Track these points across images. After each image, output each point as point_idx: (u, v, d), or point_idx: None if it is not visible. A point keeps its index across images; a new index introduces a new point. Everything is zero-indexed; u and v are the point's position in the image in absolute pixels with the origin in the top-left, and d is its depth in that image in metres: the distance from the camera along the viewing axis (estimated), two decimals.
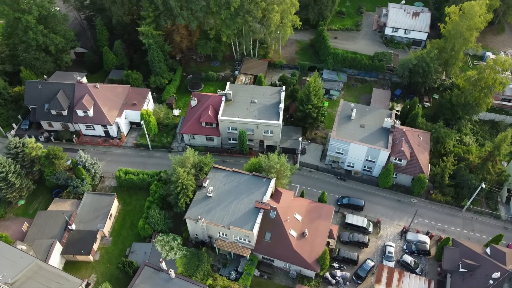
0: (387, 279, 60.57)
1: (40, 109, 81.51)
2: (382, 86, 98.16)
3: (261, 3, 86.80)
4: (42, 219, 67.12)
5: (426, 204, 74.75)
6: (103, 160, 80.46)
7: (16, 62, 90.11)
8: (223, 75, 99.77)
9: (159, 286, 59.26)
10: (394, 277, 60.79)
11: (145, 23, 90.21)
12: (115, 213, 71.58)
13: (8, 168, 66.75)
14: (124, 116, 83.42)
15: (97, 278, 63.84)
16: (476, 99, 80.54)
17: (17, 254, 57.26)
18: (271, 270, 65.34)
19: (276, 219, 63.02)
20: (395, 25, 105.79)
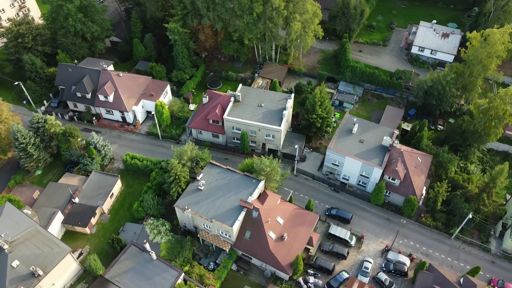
0: None
1: (67, 90, 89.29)
2: (398, 104, 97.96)
3: (283, 11, 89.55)
4: (51, 190, 74.27)
5: (415, 226, 74.84)
6: (116, 143, 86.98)
7: (55, 45, 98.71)
8: (243, 76, 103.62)
9: (140, 265, 64.37)
10: None
11: (173, 20, 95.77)
12: (117, 193, 77.54)
13: (28, 140, 74.38)
14: (141, 105, 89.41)
15: (90, 249, 69.98)
16: (485, 128, 79.10)
17: (21, 218, 64.16)
18: (248, 267, 68.59)
19: (258, 219, 66.13)
20: (422, 44, 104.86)
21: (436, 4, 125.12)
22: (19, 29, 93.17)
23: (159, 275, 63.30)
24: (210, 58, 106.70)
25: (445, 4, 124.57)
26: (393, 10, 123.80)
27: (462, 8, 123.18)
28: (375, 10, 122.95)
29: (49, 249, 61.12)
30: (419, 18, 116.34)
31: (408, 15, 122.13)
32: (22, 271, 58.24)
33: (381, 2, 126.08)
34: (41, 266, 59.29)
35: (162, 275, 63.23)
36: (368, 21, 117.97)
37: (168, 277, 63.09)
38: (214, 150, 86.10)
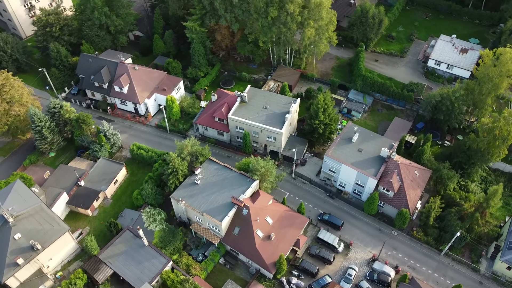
0: None
1: (87, 79, 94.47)
2: (407, 116, 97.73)
3: (297, 17, 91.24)
4: (61, 172, 79.30)
5: (405, 239, 75.18)
6: (127, 133, 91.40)
7: (80, 35, 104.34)
8: (256, 77, 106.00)
9: (133, 249, 68.18)
10: None
11: (192, 19, 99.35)
12: (121, 180, 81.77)
13: (44, 123, 79.65)
14: (153, 98, 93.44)
15: (89, 230, 74.42)
16: (488, 147, 78.29)
17: (29, 195, 69.24)
18: (235, 262, 71.14)
19: (247, 217, 68.55)
20: (439, 58, 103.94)
21: (461, 18, 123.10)
22: (48, 19, 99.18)
23: (149, 260, 66.83)
24: (227, 57, 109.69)
25: (470, 19, 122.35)
26: (415, 21, 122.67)
27: (488, 24, 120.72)
28: (397, 21, 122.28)
29: (50, 226, 65.73)
30: (442, 31, 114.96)
31: (431, 27, 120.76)
32: (23, 244, 63.04)
33: (404, 13, 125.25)
34: (40, 241, 63.94)
35: (151, 261, 66.74)
36: (388, 31, 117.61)
37: (156, 264, 66.52)
38: (218, 147, 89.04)
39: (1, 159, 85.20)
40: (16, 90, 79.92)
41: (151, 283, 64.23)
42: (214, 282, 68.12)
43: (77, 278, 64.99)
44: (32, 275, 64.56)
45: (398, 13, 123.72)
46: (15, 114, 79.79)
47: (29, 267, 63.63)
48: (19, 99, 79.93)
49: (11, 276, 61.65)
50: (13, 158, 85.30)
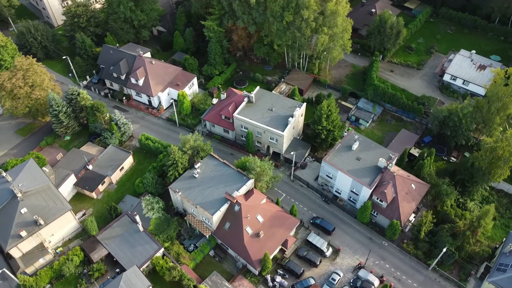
0: None
1: (106, 69, 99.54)
2: (416, 129, 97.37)
3: (311, 23, 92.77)
4: (72, 155, 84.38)
5: (395, 250, 75.67)
6: (139, 123, 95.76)
7: (106, 27, 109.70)
8: (269, 79, 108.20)
9: (128, 233, 72.12)
10: None
11: (211, 19, 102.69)
12: (128, 168, 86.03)
13: (61, 108, 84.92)
14: (167, 93, 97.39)
15: (92, 212, 78.97)
16: (490, 166, 77.56)
17: (39, 174, 74.37)
18: (224, 255, 73.88)
19: (238, 213, 71.10)
20: (455, 73, 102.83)
21: (486, 34, 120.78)
22: (77, 10, 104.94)
23: (142, 245, 70.56)
24: (243, 58, 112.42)
25: (495, 35, 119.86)
26: (438, 34, 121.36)
27: None
28: (419, 32, 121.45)
29: (54, 204, 70.54)
30: (464, 46, 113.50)
31: (453, 41, 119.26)
32: (28, 218, 68.05)
33: (427, 24, 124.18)
34: (43, 217, 68.78)
35: (144, 246, 70.44)
36: (408, 42, 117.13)
37: (148, 249, 70.15)
38: (223, 144, 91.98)
39: (21, 139, 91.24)
40: (38, 75, 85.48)
41: (141, 267, 67.80)
42: (202, 273, 71.07)
43: (75, 255, 69.56)
44: (33, 248, 69.52)
45: (421, 24, 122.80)
46: (35, 97, 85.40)
47: (32, 240, 68.57)
48: (40, 84, 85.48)
49: (14, 246, 66.75)
50: (32, 138, 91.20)
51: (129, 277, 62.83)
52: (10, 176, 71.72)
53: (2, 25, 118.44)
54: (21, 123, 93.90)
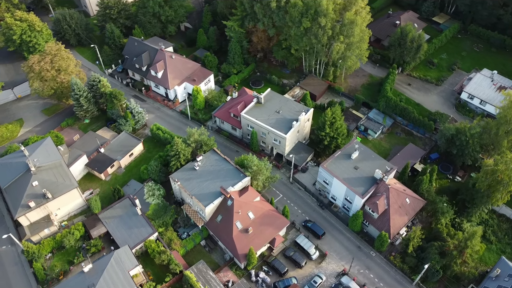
0: None
1: (130, 60, 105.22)
2: (425, 145, 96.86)
3: (328, 30, 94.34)
4: (88, 137, 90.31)
5: (382, 262, 76.44)
6: (154, 113, 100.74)
7: (135, 20, 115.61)
8: (285, 82, 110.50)
9: (127, 215, 76.93)
10: None
11: (233, 19, 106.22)
12: (137, 154, 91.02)
13: (82, 93, 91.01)
14: (183, 87, 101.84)
15: (99, 192, 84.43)
16: (489, 189, 76.78)
17: (54, 152, 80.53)
18: (214, 246, 77.30)
19: (230, 208, 74.26)
20: (473, 92, 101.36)
21: None
22: (109, 2, 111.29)
23: (138, 228, 75.13)
24: (263, 59, 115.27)
25: None
26: (463, 51, 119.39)
27: None
28: (443, 47, 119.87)
29: (62, 180, 76.33)
30: (489, 65, 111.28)
31: (478, 60, 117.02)
32: (37, 191, 74.06)
33: (453, 40, 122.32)
34: (51, 191, 74.62)
35: (139, 229, 74.98)
36: (431, 57, 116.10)
37: (143, 232, 74.63)
38: (230, 141, 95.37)
39: (46, 118, 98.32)
40: (65, 60, 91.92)
41: (134, 247, 72.32)
42: (191, 260, 74.76)
43: (76, 229, 75.11)
44: (40, 218, 75.56)
45: (446, 40, 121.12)
46: (60, 81, 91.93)
47: (39, 211, 74.58)
48: (65, 69, 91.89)
49: (23, 215, 72.90)
50: (55, 118, 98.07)
51: (120, 255, 67.39)
52: (27, 151, 78.13)
53: (43, 11, 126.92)
54: (47, 103, 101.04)
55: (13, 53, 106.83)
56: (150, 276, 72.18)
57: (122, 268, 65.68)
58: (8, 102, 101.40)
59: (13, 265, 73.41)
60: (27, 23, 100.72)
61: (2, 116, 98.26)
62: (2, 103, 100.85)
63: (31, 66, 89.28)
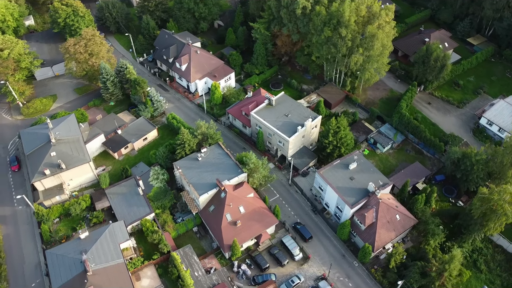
0: None
1: (159, 51, 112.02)
2: (433, 165, 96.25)
3: (348, 41, 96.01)
4: (109, 118, 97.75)
5: (363, 273, 77.74)
6: (174, 103, 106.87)
7: (170, 14, 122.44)
8: (305, 87, 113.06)
9: (130, 194, 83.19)
10: None
11: (260, 22, 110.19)
12: (151, 139, 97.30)
13: (109, 77, 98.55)
14: (204, 81, 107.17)
15: (110, 169, 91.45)
16: (483, 217, 75.99)
17: (75, 128, 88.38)
18: (205, 233, 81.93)
19: (222, 200, 78.51)
20: (492, 118, 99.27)
21: None
22: None
23: (137, 206, 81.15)
24: (287, 63, 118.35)
25: None
26: (493, 76, 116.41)
27: None
28: (473, 70, 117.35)
29: (77, 154, 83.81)
30: None
31: (508, 86, 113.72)
32: (54, 161, 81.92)
33: (485, 64, 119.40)
34: (66, 163, 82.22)
35: (138, 208, 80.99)
36: (458, 78, 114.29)
37: (141, 211, 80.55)
38: (240, 138, 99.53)
39: (76, 96, 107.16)
40: (98, 46, 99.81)
41: (130, 224, 78.38)
42: (181, 243, 79.77)
43: (83, 200, 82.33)
44: (54, 186, 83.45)
45: (477, 62, 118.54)
46: (91, 64, 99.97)
47: (53, 179, 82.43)
48: (97, 53, 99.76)
49: (38, 181, 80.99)
50: (84, 98, 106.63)
51: (114, 228, 73.59)
52: (52, 124, 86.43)
53: None
54: (80, 83, 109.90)
55: (57, 34, 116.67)
56: (141, 252, 77.87)
57: (114, 240, 71.74)
58: (47, 78, 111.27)
59: (25, 224, 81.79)
60: (72, 8, 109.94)
61: (40, 90, 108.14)
62: (41, 78, 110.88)
63: (67, 48, 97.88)
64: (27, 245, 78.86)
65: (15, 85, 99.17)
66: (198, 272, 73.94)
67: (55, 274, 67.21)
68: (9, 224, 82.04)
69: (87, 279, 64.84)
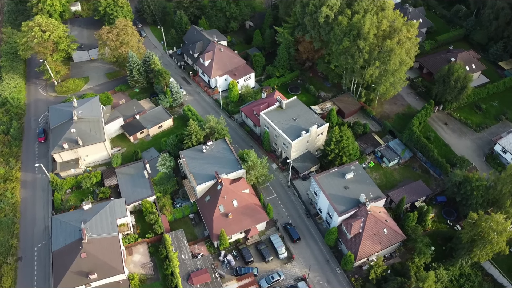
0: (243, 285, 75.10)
1: (186, 45, 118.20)
2: (437, 186, 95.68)
3: (365, 53, 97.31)
4: (130, 104, 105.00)
5: (344, 280, 79.53)
6: (193, 96, 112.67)
7: (203, 11, 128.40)
8: (322, 95, 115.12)
9: (137, 175, 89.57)
10: None
11: (285, 26, 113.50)
12: (165, 128, 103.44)
13: (135, 66, 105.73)
14: (224, 78, 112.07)
15: (124, 151, 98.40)
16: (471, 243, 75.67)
17: (97, 109, 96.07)
18: (199, 221, 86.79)
19: (218, 192, 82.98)
20: (507, 146, 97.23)
21: None
22: None
23: (141, 188, 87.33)
24: (309, 69, 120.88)
25: None
26: None
27: None
28: (498, 95, 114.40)
29: (94, 133, 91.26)
30: None
31: None
32: (72, 137, 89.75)
33: None
34: (83, 140, 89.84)
35: (142, 189, 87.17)
36: (481, 101, 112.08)
37: (144, 192, 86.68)
38: (249, 136, 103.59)
39: (106, 80, 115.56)
40: (129, 36, 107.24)
41: (131, 203, 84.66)
42: (175, 227, 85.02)
43: (95, 176, 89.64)
44: (70, 160, 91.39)
45: (505, 87, 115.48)
46: (121, 52, 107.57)
47: (71, 153, 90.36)
48: (127, 43, 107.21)
49: (57, 153, 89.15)
50: (113, 82, 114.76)
51: (115, 205, 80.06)
52: (77, 103, 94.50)
53: None
54: (111, 68, 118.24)
55: (98, 21, 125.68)
56: (138, 230, 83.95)
57: (113, 215, 78.13)
58: (83, 61, 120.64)
59: (42, 190, 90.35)
60: None
61: (75, 71, 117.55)
62: (78, 61, 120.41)
63: (101, 35, 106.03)
64: (40, 210, 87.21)
65: (52, 65, 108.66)
66: (185, 255, 78.81)
67: (56, 238, 74.50)
68: (29, 188, 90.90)
69: (82, 246, 71.46)
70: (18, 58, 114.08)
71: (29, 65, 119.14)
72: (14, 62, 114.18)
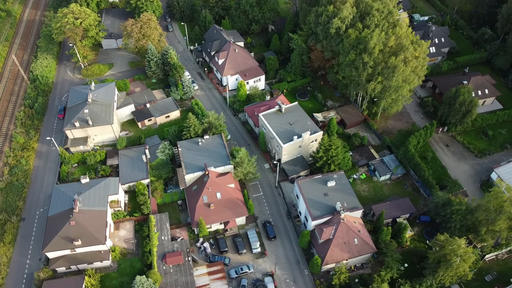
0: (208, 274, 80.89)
1: (206, 43, 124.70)
2: (424, 205, 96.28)
3: (369, 68, 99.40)
4: (144, 93, 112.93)
5: (309, 282, 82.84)
6: (204, 91, 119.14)
7: (228, 12, 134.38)
8: (329, 103, 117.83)
9: (136, 158, 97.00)
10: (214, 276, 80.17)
11: (299, 34, 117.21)
12: (173, 118, 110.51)
13: (153, 58, 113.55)
14: (235, 78, 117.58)
15: (132, 135, 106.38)
16: (437, 264, 76.79)
17: (112, 93, 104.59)
18: (185, 208, 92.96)
19: (204, 183, 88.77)
20: (502, 175, 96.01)
21: None
22: None
23: (138, 170, 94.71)
24: (321, 77, 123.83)
25: None
26: None
27: None
28: (508, 123, 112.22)
29: (104, 116, 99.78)
30: None
31: None
32: (84, 116, 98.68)
33: None
34: (93, 120, 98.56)
35: (138, 172, 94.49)
36: (489, 128, 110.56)
37: (139, 174, 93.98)
38: (249, 135, 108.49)
39: (128, 68, 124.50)
40: (151, 29, 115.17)
41: (128, 183, 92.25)
42: (163, 210, 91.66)
43: (99, 154, 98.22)
44: (80, 137, 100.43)
45: None
46: (142, 44, 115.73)
47: (81, 131, 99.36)
48: (149, 36, 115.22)
49: (69, 130, 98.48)
50: (134, 71, 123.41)
51: (109, 182, 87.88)
52: (94, 87, 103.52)
53: None
54: (134, 58, 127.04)
55: (129, 13, 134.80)
56: (129, 208, 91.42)
57: (105, 191, 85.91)
58: (110, 49, 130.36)
59: (52, 162, 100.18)
60: None
61: (102, 57, 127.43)
62: (106, 48, 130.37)
63: (126, 26, 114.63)
64: (48, 179, 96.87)
65: (80, 49, 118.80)
66: (165, 237, 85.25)
67: (53, 205, 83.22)
68: (42, 158, 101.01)
69: (72, 215, 79.57)
70: (54, 41, 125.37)
71: (63, 47, 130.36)
72: (50, 44, 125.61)
